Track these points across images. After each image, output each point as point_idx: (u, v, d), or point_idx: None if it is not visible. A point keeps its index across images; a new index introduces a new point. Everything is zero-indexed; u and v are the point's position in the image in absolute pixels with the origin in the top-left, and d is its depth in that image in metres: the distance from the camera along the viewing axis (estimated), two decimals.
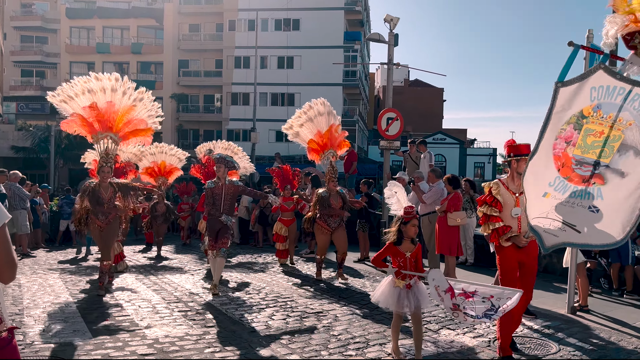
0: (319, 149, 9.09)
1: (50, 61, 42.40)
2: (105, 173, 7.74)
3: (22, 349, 5.02)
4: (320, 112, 8.94)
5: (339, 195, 8.73)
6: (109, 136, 7.92)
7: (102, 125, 7.84)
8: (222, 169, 7.81)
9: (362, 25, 45.20)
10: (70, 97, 7.80)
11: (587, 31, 6.42)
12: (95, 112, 7.73)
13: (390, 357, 5.01)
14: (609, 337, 5.58)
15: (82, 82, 7.84)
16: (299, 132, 9.19)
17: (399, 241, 4.81)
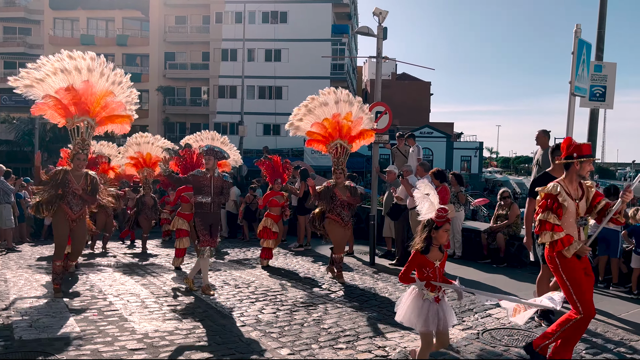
0: (323, 140, 8.55)
1: (33, 53, 41.56)
2: (80, 161, 7.11)
3: (10, 344, 4.97)
4: (324, 102, 8.39)
5: (347, 189, 8.29)
6: (86, 120, 7.20)
7: (78, 108, 7.12)
8: (211, 161, 7.30)
9: (349, 19, 45.14)
10: (39, 79, 7.04)
11: (575, 25, 6.48)
12: (72, 93, 7.01)
13: (381, 351, 5.04)
14: (595, 329, 5.66)
15: (52, 61, 7.08)
16: (300, 126, 8.70)
17: (426, 249, 4.26)
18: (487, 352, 5.02)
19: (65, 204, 7.01)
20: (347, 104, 8.33)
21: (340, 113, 8.30)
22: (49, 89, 7.06)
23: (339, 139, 8.39)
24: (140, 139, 11.67)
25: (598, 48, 10.14)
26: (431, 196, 4.29)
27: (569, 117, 6.61)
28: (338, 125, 8.33)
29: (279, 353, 4.94)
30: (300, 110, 8.65)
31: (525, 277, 8.36)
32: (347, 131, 8.38)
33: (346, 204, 8.16)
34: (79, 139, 7.20)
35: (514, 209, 9.63)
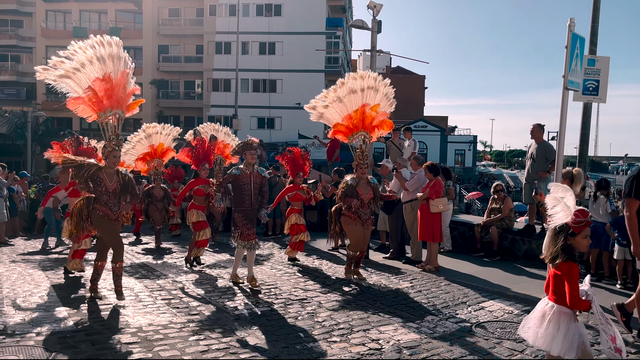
0: (346, 132, 7.93)
1: (25, 45, 41.42)
2: (116, 158, 6.46)
3: (3, 338, 4.96)
4: (353, 90, 7.64)
5: (370, 185, 7.77)
6: (117, 113, 6.52)
7: (111, 100, 6.44)
8: (255, 156, 7.17)
9: (344, 12, 45.03)
10: (76, 69, 6.34)
11: (569, 20, 6.48)
12: (107, 85, 6.34)
13: (374, 344, 5.06)
14: (587, 321, 5.70)
15: (85, 48, 6.37)
16: (324, 114, 7.98)
17: (572, 256, 3.58)
18: (480, 344, 5.05)
19: (102, 205, 6.37)
20: (373, 91, 7.67)
21: (369, 102, 7.66)
22: (82, 80, 6.40)
23: (362, 129, 7.77)
24: (149, 129, 11.10)
25: (591, 42, 10.17)
26: (566, 199, 3.67)
27: (563, 111, 6.62)
28: (363, 115, 7.72)
29: (274, 346, 4.96)
30: (327, 96, 7.88)
31: (518, 271, 8.41)
32: (370, 121, 7.78)
33: (366, 202, 7.69)
34: (113, 134, 6.54)
35: (507, 202, 9.67)
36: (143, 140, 11.04)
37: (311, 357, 4.71)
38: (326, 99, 7.88)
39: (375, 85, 7.65)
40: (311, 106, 8.08)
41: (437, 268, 8.33)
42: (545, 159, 8.77)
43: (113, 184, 6.42)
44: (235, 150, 7.36)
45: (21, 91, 40.27)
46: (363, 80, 7.65)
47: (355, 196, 7.61)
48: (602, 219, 7.72)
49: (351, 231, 7.74)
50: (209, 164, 9.31)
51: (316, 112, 8.04)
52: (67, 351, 4.73)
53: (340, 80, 7.83)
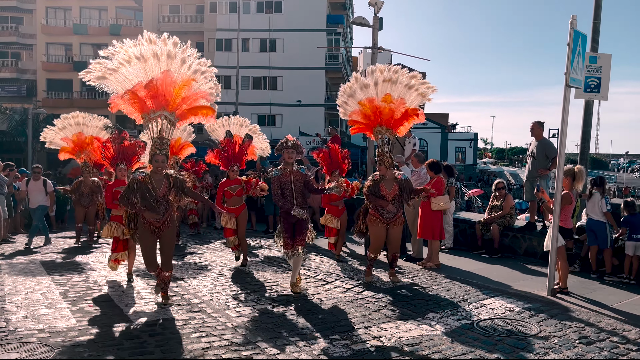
0: (365, 127, 7.61)
1: (26, 42, 41.38)
2: (159, 163, 6.09)
3: (5, 335, 4.97)
4: (365, 85, 7.32)
5: (396, 182, 7.36)
6: (164, 115, 6.18)
7: (155, 101, 6.09)
8: (294, 155, 6.87)
9: (344, 9, 44.94)
10: (112, 69, 6.08)
11: (571, 17, 6.47)
12: (150, 87, 6.03)
13: (376, 341, 5.07)
14: (588, 319, 5.71)
15: (127, 47, 6.06)
16: (346, 110, 7.71)
17: None
18: (481, 342, 5.05)
19: (145, 213, 6.08)
20: (389, 83, 7.24)
21: (376, 96, 7.29)
22: (123, 80, 6.13)
23: (379, 125, 7.41)
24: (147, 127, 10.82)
25: (593, 39, 10.16)
26: None
27: (564, 109, 6.61)
28: (377, 109, 7.34)
29: (275, 343, 4.96)
30: (344, 92, 7.64)
31: (519, 268, 8.41)
32: (389, 115, 7.32)
33: (389, 199, 7.29)
34: (157, 137, 6.19)
35: (508, 199, 9.67)
36: None
37: (312, 354, 4.72)
38: (343, 95, 7.66)
39: (391, 79, 7.23)
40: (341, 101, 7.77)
41: (438, 265, 8.33)
42: (545, 156, 8.77)
43: (162, 188, 6.11)
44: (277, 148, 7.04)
45: (21, 88, 40.24)
46: (382, 73, 7.26)
47: (378, 194, 7.33)
48: (598, 217, 7.72)
49: (372, 232, 7.46)
50: (239, 165, 8.84)
51: (342, 109, 7.79)
52: (69, 348, 4.74)
53: (354, 75, 7.51)
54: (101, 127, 11.01)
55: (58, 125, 10.99)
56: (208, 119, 6.77)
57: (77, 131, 10.97)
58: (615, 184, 51.97)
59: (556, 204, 6.66)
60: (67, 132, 11.00)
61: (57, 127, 11.00)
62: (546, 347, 4.91)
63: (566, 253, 6.98)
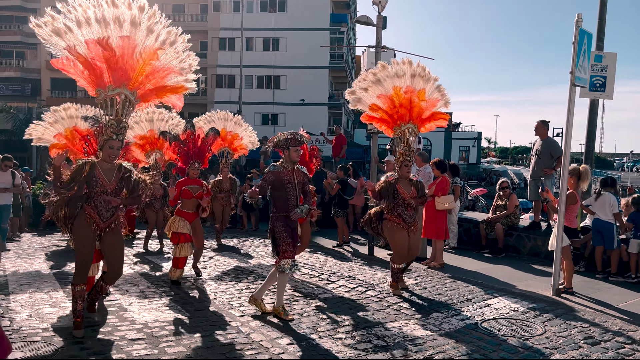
0: (389, 120, 6.97)
1: (30, 42, 41.44)
2: (113, 150, 5.14)
3: (10, 334, 4.97)
4: (398, 74, 6.74)
5: (412, 184, 6.82)
6: (123, 93, 5.18)
7: (114, 75, 5.11)
8: (300, 154, 6.09)
9: (348, 7, 44.89)
10: (68, 27, 5.02)
11: (576, 15, 6.44)
12: (107, 52, 4.99)
13: (380, 341, 5.05)
14: (594, 319, 5.69)
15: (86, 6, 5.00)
16: (362, 98, 7.08)
17: None
18: (485, 342, 5.04)
19: (91, 207, 5.13)
20: (423, 79, 6.77)
21: (415, 89, 6.74)
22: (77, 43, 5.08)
23: (410, 121, 6.84)
24: (154, 114, 9.74)
25: (598, 38, 10.11)
26: None
27: (570, 108, 6.58)
28: (410, 103, 6.78)
29: (279, 342, 4.96)
30: (366, 78, 6.99)
31: (524, 268, 8.38)
32: (418, 113, 6.86)
33: (410, 203, 6.74)
34: (113, 118, 5.17)
35: (512, 199, 9.63)
36: (143, 123, 9.50)
37: (316, 353, 4.71)
38: (365, 81, 7.00)
39: (426, 75, 6.77)
40: (350, 90, 7.21)
41: (442, 265, 8.31)
42: (550, 155, 8.73)
43: (113, 182, 5.19)
44: (276, 143, 6.08)
45: (26, 87, 40.36)
46: (412, 66, 6.75)
47: (395, 196, 6.71)
48: (605, 217, 7.68)
49: (395, 239, 6.73)
50: (201, 162, 7.90)
51: (354, 97, 7.15)
52: (73, 347, 4.74)
53: (380, 63, 6.97)
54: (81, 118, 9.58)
55: (48, 119, 9.90)
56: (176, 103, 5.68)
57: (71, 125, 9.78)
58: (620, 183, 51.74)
59: (561, 204, 6.63)
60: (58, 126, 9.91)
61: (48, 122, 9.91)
62: (551, 347, 4.89)
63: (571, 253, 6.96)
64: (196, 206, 7.56)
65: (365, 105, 7.09)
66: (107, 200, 5.12)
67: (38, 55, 41.06)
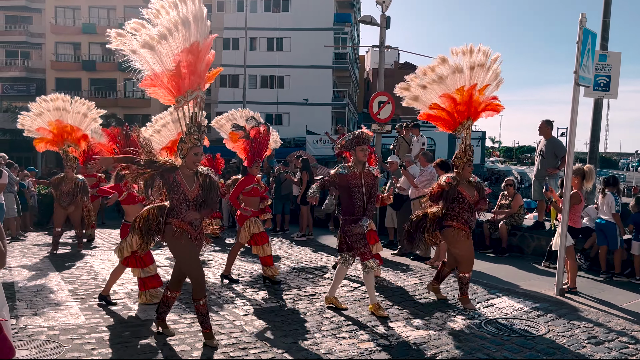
0: (449, 119, 6.37)
1: (35, 42, 41.66)
2: (197, 156, 4.80)
3: (15, 333, 5.01)
4: (458, 69, 6.10)
5: (474, 186, 6.22)
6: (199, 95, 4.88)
7: (192, 78, 4.80)
8: (367, 152, 5.78)
9: (352, 7, 44.89)
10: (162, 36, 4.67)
11: (581, 15, 6.43)
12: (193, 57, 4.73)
13: (383, 340, 5.06)
14: (597, 319, 5.68)
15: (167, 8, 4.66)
16: (420, 97, 6.44)
17: None
18: (489, 341, 5.04)
19: (179, 218, 4.75)
20: (484, 70, 6.11)
21: (477, 84, 6.13)
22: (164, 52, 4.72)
23: (469, 117, 6.26)
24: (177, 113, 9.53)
25: (603, 37, 10.09)
26: None
27: (574, 107, 6.57)
28: (470, 98, 6.16)
29: (282, 341, 4.98)
30: (425, 76, 6.36)
31: (527, 267, 8.37)
32: (477, 107, 6.26)
33: (474, 207, 6.19)
34: (193, 124, 4.83)
35: (517, 198, 9.61)
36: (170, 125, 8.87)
37: (320, 353, 4.72)
38: (424, 78, 6.36)
39: (486, 63, 6.10)
40: (404, 86, 6.53)
41: None
42: (554, 155, 8.72)
43: (194, 190, 4.83)
44: (341, 145, 5.87)
45: (31, 87, 40.49)
46: (472, 55, 6.11)
47: (458, 199, 6.11)
48: (608, 218, 7.66)
49: (462, 248, 6.14)
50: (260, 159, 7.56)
51: (409, 94, 6.49)
52: (78, 346, 4.77)
53: (440, 56, 6.29)
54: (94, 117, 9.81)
55: (34, 111, 9.49)
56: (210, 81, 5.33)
57: (56, 117, 9.48)
58: (624, 182, 51.56)
59: (565, 204, 6.63)
60: (44, 118, 9.55)
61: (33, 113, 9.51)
62: (554, 347, 4.89)
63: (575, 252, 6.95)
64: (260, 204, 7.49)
65: (422, 104, 6.49)
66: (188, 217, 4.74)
67: (43, 55, 41.23)
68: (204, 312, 4.85)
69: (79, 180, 9.82)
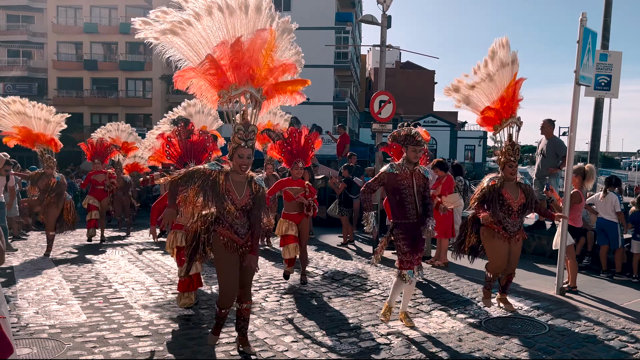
0: (495, 118, 5.92)
1: (37, 41, 41.66)
2: (244, 159, 4.41)
3: (17, 331, 5.04)
4: (504, 62, 5.75)
5: (520, 188, 5.78)
6: (248, 92, 4.46)
7: (238, 73, 4.39)
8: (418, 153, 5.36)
9: (353, 6, 44.87)
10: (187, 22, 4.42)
11: (581, 14, 6.43)
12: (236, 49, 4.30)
13: (383, 339, 5.08)
14: (597, 318, 5.69)
15: None
16: (470, 97, 6.10)
17: None
18: (489, 340, 5.05)
19: (225, 228, 4.47)
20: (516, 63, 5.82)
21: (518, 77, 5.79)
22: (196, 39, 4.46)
23: (512, 114, 5.83)
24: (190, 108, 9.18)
25: (604, 37, 10.09)
26: None
27: (574, 107, 6.58)
28: (514, 93, 5.81)
29: (283, 340, 4.99)
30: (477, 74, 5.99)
31: (528, 267, 8.37)
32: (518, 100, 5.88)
33: (515, 209, 5.73)
34: (240, 122, 4.46)
35: None
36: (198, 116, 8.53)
37: (320, 351, 4.74)
38: (475, 77, 5.99)
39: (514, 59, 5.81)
40: (454, 87, 6.19)
41: (446, 264, 8.32)
42: (555, 154, 8.72)
43: (243, 198, 4.48)
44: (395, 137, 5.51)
45: (32, 87, 40.53)
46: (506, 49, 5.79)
47: (500, 202, 5.71)
48: (610, 217, 7.66)
49: (492, 248, 5.88)
50: (305, 161, 7.16)
51: (460, 95, 6.18)
52: (79, 344, 4.79)
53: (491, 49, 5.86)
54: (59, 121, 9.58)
55: None
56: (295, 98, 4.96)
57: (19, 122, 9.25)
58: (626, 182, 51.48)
59: (565, 203, 6.63)
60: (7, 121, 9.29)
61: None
62: (555, 346, 4.90)
63: None
64: (300, 207, 7.05)
65: (474, 106, 6.12)
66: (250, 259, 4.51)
67: (45, 54, 41.25)
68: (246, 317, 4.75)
69: (55, 178, 9.50)
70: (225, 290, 4.58)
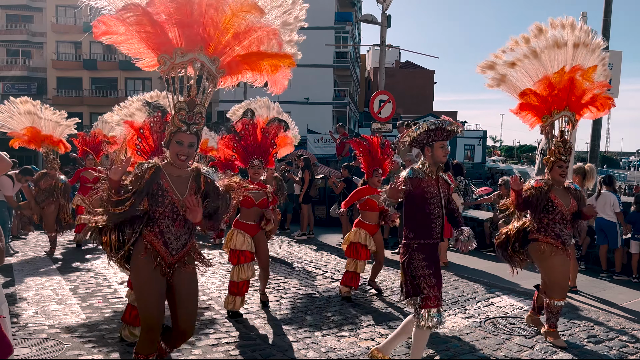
0: (541, 106, 5.08)
1: (36, 41, 41.68)
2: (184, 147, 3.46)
3: (16, 331, 5.03)
4: (558, 44, 4.90)
5: (570, 193, 5.04)
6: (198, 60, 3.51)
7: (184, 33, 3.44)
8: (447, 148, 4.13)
9: (353, 6, 44.89)
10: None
11: (581, 14, 6.44)
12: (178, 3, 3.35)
13: (383, 339, 5.07)
14: (597, 318, 5.69)
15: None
16: (507, 76, 5.17)
17: None
18: (489, 340, 5.05)
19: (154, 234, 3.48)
20: (587, 49, 4.91)
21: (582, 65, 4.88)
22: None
23: (567, 107, 4.99)
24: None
25: (604, 36, 10.07)
26: None
27: None
28: (571, 84, 4.90)
29: (283, 340, 4.99)
30: (516, 48, 5.08)
31: (527, 266, 8.36)
32: (580, 95, 4.98)
33: (567, 217, 4.96)
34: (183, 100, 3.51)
35: None
36: None
37: (320, 351, 4.73)
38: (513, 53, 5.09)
39: (590, 44, 4.91)
40: (488, 64, 5.24)
41: (445, 264, 8.32)
42: None
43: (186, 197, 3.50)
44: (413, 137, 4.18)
45: (32, 86, 40.55)
46: (574, 31, 4.89)
47: (550, 209, 4.95)
48: (608, 217, 7.66)
49: (551, 267, 4.93)
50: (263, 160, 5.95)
51: (495, 72, 5.22)
52: (79, 344, 4.78)
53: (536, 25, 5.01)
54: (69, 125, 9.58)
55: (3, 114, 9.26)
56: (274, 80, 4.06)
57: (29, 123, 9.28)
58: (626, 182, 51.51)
59: None
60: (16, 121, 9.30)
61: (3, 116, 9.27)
62: (554, 345, 4.89)
63: None
64: (259, 216, 5.87)
65: (511, 87, 5.22)
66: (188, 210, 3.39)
67: (44, 54, 41.25)
68: None
69: (60, 181, 9.43)
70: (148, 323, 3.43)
